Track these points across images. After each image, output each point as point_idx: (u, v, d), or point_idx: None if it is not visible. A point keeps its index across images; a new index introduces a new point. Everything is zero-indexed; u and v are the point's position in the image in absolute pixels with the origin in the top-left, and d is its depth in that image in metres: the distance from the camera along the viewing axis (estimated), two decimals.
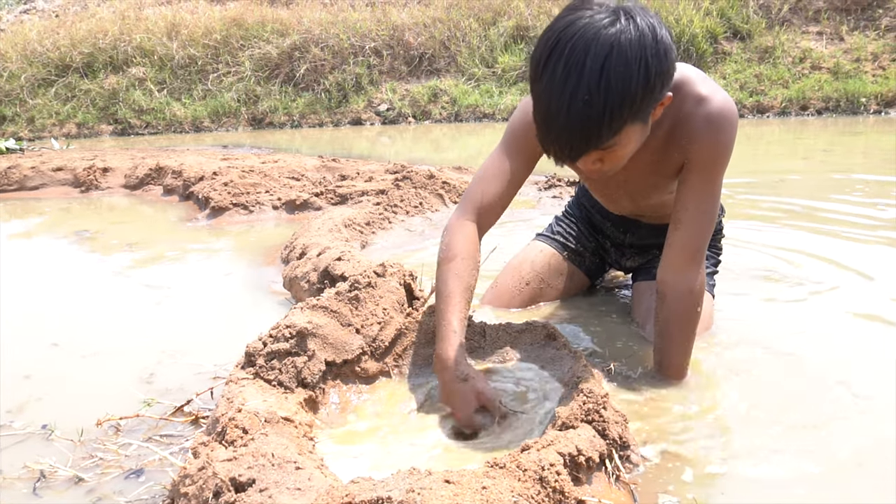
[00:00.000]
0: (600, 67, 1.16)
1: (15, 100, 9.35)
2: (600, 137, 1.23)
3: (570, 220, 2.13)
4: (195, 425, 1.48)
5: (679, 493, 1.16)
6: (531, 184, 4.14)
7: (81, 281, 2.72)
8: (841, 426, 1.36)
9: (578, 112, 1.19)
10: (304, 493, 1.00)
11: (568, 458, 1.10)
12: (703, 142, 1.43)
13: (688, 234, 1.47)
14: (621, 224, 1.94)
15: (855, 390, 1.50)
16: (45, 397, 1.67)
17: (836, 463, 1.24)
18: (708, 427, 1.37)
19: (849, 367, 1.62)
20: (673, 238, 1.49)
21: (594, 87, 1.17)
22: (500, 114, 8.54)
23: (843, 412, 1.41)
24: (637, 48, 1.17)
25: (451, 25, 9.32)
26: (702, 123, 1.42)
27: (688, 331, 1.52)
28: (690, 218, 1.47)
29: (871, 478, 1.20)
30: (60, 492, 1.27)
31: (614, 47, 1.16)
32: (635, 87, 1.18)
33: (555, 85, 1.20)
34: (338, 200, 3.71)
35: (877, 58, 8.19)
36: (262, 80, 9.32)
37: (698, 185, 1.46)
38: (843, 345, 1.76)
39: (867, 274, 2.26)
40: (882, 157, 4.96)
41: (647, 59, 1.18)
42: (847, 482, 1.19)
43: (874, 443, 1.30)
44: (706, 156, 1.44)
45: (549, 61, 1.21)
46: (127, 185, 4.74)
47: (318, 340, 1.44)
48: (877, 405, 1.43)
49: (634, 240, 1.92)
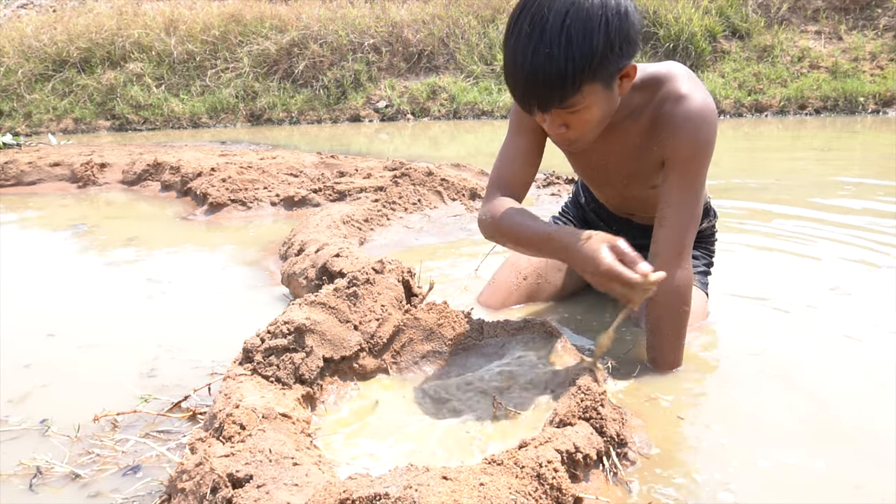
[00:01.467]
0: (561, 23, 1.25)
1: (12, 95, 9.31)
2: (564, 89, 1.29)
3: (567, 218, 2.16)
4: (192, 421, 1.48)
5: (676, 490, 1.16)
6: None
7: (78, 276, 2.72)
8: (839, 425, 1.37)
9: (541, 65, 1.27)
10: (302, 489, 1.00)
11: (565, 455, 1.10)
12: (681, 139, 1.45)
13: (671, 232, 1.50)
14: (614, 223, 1.97)
15: (854, 390, 1.50)
16: (42, 392, 1.67)
17: (836, 460, 1.24)
18: (706, 426, 1.37)
19: (847, 370, 1.62)
20: (657, 235, 1.52)
21: (555, 42, 1.25)
22: (499, 111, 8.53)
23: (842, 410, 1.42)
24: (598, 7, 1.25)
25: (450, 22, 9.31)
26: (680, 121, 1.45)
27: (678, 326, 1.56)
28: (673, 215, 1.49)
29: (872, 469, 1.20)
30: (57, 488, 1.27)
31: (575, 4, 1.25)
32: (595, 43, 1.25)
33: (520, 40, 1.29)
34: (336, 197, 3.71)
35: (875, 57, 8.20)
36: (261, 77, 9.31)
37: (679, 182, 1.49)
38: (842, 346, 1.76)
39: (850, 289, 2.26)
40: (879, 155, 4.96)
41: (607, 18, 1.25)
42: (847, 474, 1.19)
43: (872, 439, 1.30)
44: (685, 153, 1.47)
45: (519, 19, 1.30)
46: (124, 181, 4.73)
47: (316, 337, 1.44)
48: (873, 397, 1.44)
49: (627, 238, 1.88)
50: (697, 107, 1.44)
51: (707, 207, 1.91)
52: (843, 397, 1.47)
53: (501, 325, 1.62)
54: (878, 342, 1.75)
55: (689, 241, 1.52)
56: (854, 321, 1.88)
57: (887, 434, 1.32)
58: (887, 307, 1.97)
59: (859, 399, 1.47)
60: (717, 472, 1.21)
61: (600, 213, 2.02)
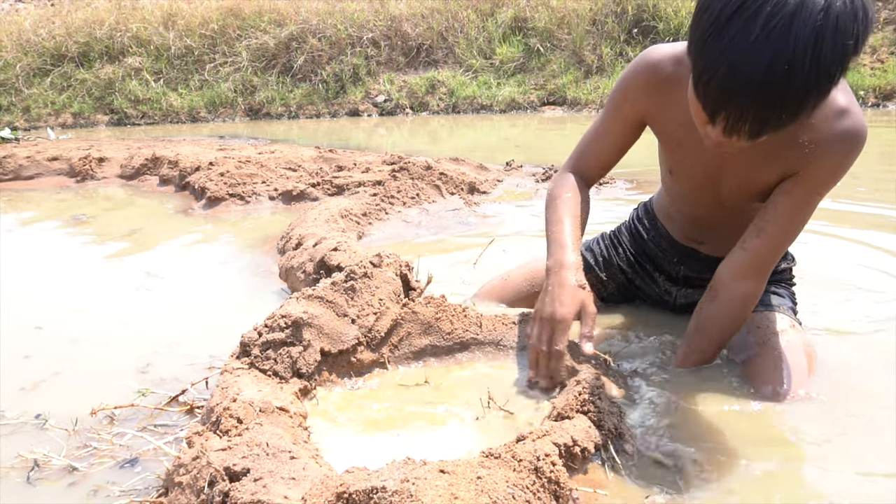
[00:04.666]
0: (814, 34, 0.99)
1: (10, 89, 9.28)
2: (795, 115, 1.06)
3: (614, 244, 1.93)
4: (190, 415, 1.48)
5: (673, 484, 1.16)
6: (528, 175, 4.14)
7: (76, 270, 2.71)
8: (840, 422, 1.36)
9: (777, 79, 1.01)
10: (299, 482, 1.00)
11: (563, 448, 1.10)
12: (828, 158, 1.30)
13: (766, 245, 1.39)
14: (676, 253, 1.78)
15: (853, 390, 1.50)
16: (40, 386, 1.67)
17: (834, 456, 1.24)
18: (705, 422, 1.37)
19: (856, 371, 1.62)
20: (749, 243, 1.41)
21: (801, 55, 0.99)
22: (498, 105, 8.51)
23: (842, 408, 1.42)
24: (851, 21, 1.01)
25: (449, 16, 9.27)
26: (835, 138, 1.28)
27: (724, 335, 1.49)
28: (776, 230, 1.38)
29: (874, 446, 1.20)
30: (54, 481, 1.27)
31: (830, 14, 0.99)
32: (846, 63, 1.04)
33: (749, 42, 1.01)
34: (334, 191, 3.70)
35: (875, 51, 8.17)
36: (259, 71, 9.27)
37: (800, 199, 1.36)
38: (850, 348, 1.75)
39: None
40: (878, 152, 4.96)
41: (858, 36, 1.02)
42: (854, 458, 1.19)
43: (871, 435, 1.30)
44: (824, 173, 1.32)
45: (739, 13, 1.01)
46: (123, 176, 4.72)
47: (313, 330, 1.43)
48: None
49: (689, 272, 1.77)
50: (856, 127, 1.27)
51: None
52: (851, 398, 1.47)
53: (500, 318, 1.62)
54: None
55: (775, 260, 1.43)
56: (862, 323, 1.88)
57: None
58: None
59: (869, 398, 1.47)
60: (716, 468, 1.21)
61: (660, 242, 1.81)
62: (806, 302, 1.84)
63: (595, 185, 1.78)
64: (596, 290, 1.88)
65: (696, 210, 1.65)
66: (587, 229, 1.61)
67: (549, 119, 7.80)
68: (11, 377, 1.71)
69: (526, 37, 8.97)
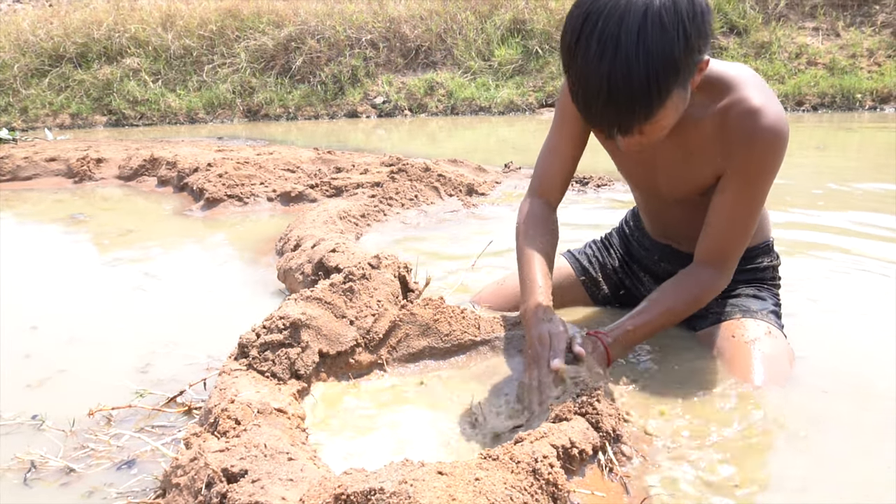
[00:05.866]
0: (636, 37, 1.10)
1: (8, 90, 9.27)
2: (650, 108, 1.17)
3: (606, 247, 2.00)
4: (188, 416, 1.47)
5: (671, 486, 1.16)
6: (526, 177, 4.14)
7: (74, 271, 2.71)
8: (838, 423, 1.37)
9: (619, 88, 1.13)
10: (297, 483, 1.00)
11: (561, 450, 1.10)
12: (751, 155, 1.36)
13: (714, 240, 1.45)
14: (656, 251, 1.82)
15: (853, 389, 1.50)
16: (37, 386, 1.66)
17: (833, 455, 1.24)
18: (703, 423, 1.37)
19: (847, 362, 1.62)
20: (700, 241, 1.48)
21: (633, 60, 1.11)
22: (496, 107, 8.52)
23: (839, 409, 1.42)
24: (672, 12, 1.11)
25: (447, 18, 9.28)
26: (752, 137, 1.34)
27: (674, 313, 1.50)
28: (720, 223, 1.44)
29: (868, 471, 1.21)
30: (51, 482, 1.27)
31: (648, 14, 1.10)
32: (678, 53, 1.13)
33: (589, 63, 1.14)
34: (333, 193, 3.70)
35: (872, 54, 8.20)
36: (258, 72, 9.27)
37: (735, 193, 1.41)
38: (848, 345, 1.76)
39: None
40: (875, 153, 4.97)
41: (684, 23, 1.12)
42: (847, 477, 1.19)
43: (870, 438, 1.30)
44: (753, 170, 1.38)
45: (581, 39, 1.15)
46: (121, 176, 4.72)
47: (311, 332, 1.43)
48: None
49: (670, 268, 1.76)
50: (772, 123, 1.33)
51: (769, 247, 1.73)
52: (849, 396, 1.47)
53: (498, 320, 1.62)
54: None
55: (731, 254, 1.47)
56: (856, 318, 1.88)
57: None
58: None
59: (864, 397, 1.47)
60: (714, 469, 1.21)
61: (643, 241, 1.87)
62: (802, 307, 1.84)
63: (594, 188, 1.80)
64: (590, 292, 1.95)
65: (655, 207, 1.74)
66: (577, 235, 1.62)
67: (547, 121, 7.81)
68: (8, 377, 1.71)
69: (524, 39, 8.98)
